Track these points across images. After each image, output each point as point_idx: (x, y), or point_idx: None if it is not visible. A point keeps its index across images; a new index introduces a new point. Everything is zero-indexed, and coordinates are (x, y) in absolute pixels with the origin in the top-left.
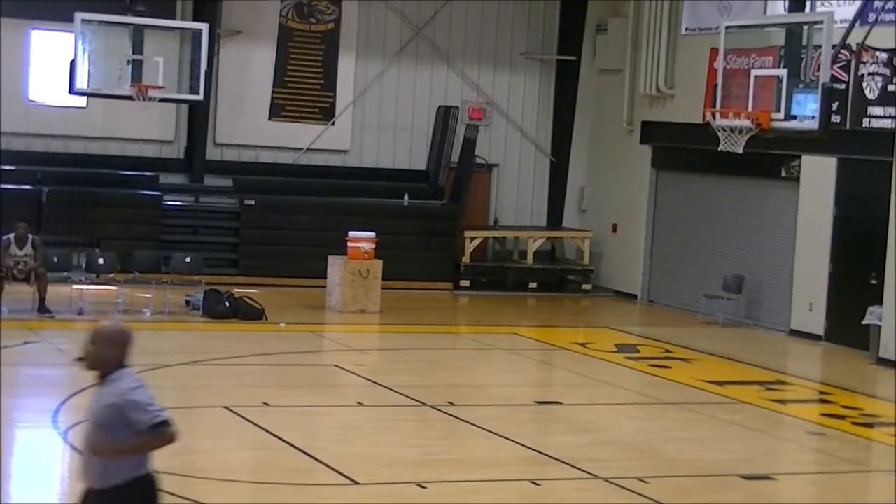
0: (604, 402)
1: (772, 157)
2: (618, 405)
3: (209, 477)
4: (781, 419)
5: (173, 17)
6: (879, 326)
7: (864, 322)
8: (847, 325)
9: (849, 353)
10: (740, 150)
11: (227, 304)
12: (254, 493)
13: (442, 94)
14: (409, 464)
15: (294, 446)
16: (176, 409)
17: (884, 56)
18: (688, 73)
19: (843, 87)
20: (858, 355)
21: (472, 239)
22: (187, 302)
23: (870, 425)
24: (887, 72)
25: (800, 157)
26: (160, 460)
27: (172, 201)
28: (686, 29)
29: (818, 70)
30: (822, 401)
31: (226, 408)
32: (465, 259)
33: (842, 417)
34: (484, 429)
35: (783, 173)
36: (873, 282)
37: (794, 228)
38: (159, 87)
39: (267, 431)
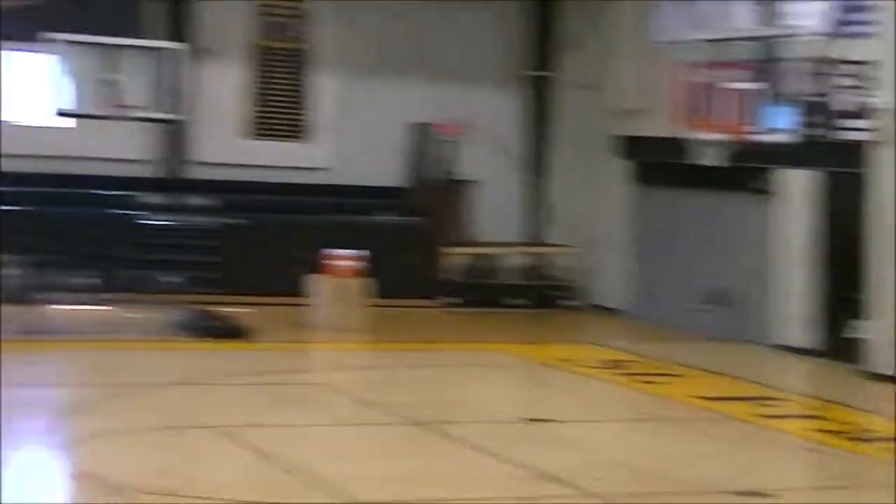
0: (592, 420)
1: (748, 170)
2: (606, 422)
3: (201, 497)
4: (773, 435)
5: (146, 37)
6: (866, 340)
7: (850, 336)
8: (834, 338)
9: (837, 368)
10: (716, 164)
11: (211, 323)
12: None
13: (418, 111)
14: (398, 482)
15: (282, 465)
16: (163, 431)
17: (857, 68)
18: (662, 87)
19: (817, 99)
20: (847, 369)
21: (454, 256)
22: (170, 322)
23: (862, 440)
24: (861, 84)
25: (776, 169)
26: (149, 482)
27: (152, 221)
28: (659, 42)
29: (793, 83)
30: (813, 416)
31: (213, 428)
32: (447, 276)
33: (833, 433)
34: (473, 446)
35: (759, 186)
36: (856, 295)
37: (776, 242)
38: (136, 107)
39: (254, 450)
